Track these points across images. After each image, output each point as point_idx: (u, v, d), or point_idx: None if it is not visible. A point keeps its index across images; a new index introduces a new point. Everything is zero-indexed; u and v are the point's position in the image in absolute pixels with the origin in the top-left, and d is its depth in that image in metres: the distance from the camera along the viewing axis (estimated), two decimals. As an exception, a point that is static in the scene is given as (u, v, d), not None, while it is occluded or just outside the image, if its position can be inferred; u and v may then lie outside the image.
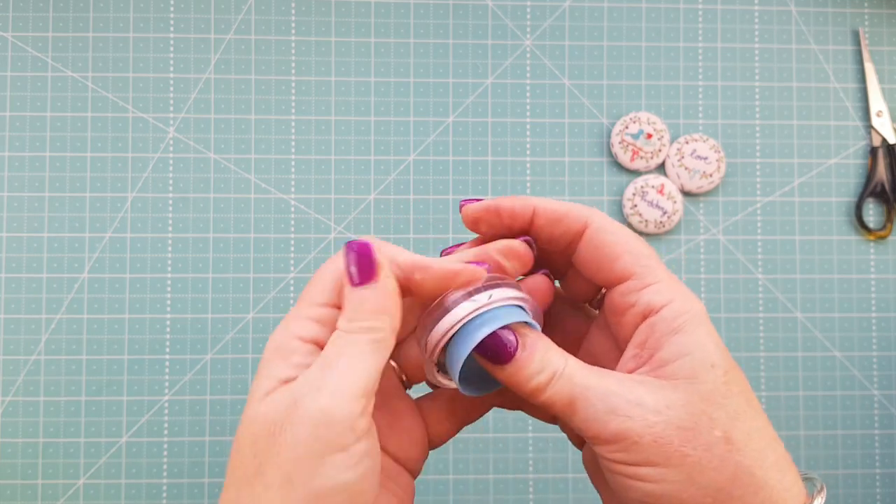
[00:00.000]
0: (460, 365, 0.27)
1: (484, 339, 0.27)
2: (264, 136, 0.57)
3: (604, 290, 0.30)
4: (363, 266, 0.27)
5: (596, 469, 0.30)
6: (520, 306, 0.28)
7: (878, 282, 0.58)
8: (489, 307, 0.27)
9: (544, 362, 0.27)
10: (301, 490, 0.24)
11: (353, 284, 0.27)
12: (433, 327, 0.28)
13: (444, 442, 0.32)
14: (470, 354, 0.27)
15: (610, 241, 0.28)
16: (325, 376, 0.25)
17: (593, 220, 0.29)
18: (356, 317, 0.26)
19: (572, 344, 0.31)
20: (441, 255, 0.31)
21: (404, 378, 0.32)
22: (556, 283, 0.32)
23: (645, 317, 0.28)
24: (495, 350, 0.27)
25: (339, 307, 0.28)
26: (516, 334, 0.28)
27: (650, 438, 0.26)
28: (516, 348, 0.27)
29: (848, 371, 0.57)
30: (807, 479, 0.28)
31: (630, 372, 0.28)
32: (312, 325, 0.27)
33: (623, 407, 0.26)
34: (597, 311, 0.32)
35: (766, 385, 0.57)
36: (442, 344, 0.28)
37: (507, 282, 0.28)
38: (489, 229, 0.30)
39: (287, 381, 0.26)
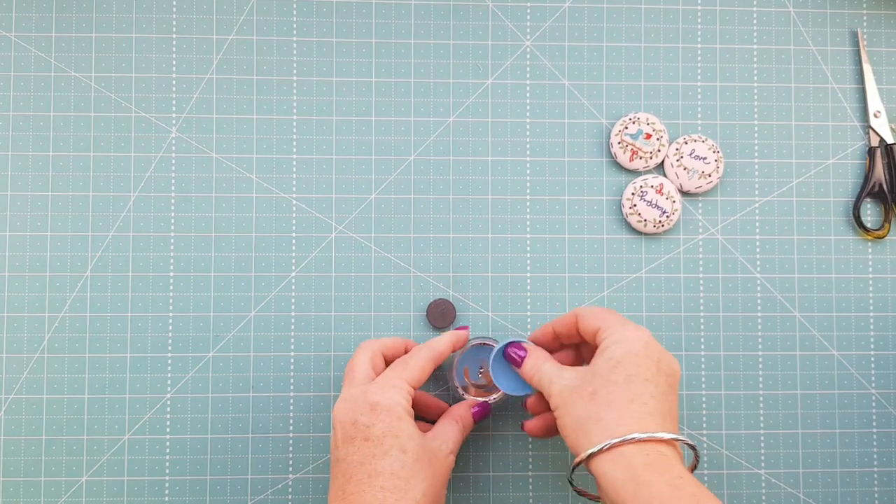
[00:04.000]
0: (492, 366, 0.52)
1: (506, 351, 0.51)
2: (266, 136, 0.57)
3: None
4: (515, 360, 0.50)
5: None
6: (520, 341, 0.51)
7: (876, 281, 0.58)
8: (503, 342, 0.51)
9: (536, 363, 0.49)
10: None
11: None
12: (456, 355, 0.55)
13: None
14: (506, 370, 0.52)
15: (585, 314, 0.49)
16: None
17: (581, 310, 0.49)
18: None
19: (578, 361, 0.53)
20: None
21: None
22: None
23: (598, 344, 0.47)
24: (513, 357, 0.50)
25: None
26: (525, 350, 0.50)
27: (557, 391, 0.46)
28: (524, 357, 0.50)
29: (846, 370, 0.58)
30: (685, 445, 0.44)
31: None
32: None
33: (556, 378, 0.47)
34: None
35: (763, 384, 0.57)
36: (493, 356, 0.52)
37: (489, 337, 0.55)
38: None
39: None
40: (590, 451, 0.42)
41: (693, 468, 0.46)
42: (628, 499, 0.41)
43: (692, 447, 0.44)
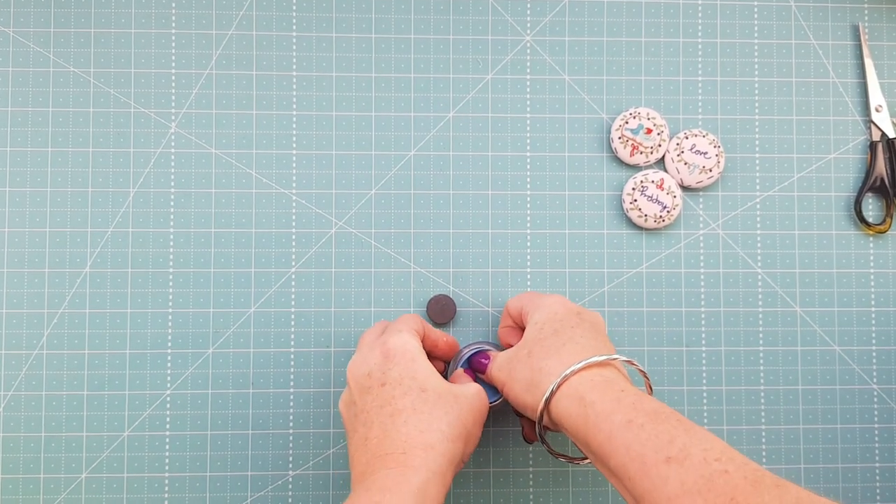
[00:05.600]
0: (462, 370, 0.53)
1: (470, 359, 0.52)
2: (266, 132, 0.57)
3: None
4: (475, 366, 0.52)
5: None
6: (487, 349, 0.53)
7: (878, 276, 0.58)
8: (474, 348, 0.53)
9: (494, 360, 0.50)
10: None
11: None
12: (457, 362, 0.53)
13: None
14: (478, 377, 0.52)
15: (511, 302, 0.52)
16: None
17: (509, 300, 0.53)
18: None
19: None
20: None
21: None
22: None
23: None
24: (477, 366, 0.51)
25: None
26: (489, 357, 0.51)
27: (496, 369, 0.48)
28: (487, 365, 0.50)
29: (847, 365, 0.57)
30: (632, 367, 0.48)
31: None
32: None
33: (494, 361, 0.49)
34: None
35: (764, 379, 0.57)
36: (459, 364, 0.53)
37: (486, 342, 0.55)
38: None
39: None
40: (544, 398, 0.44)
41: (649, 390, 0.48)
42: (581, 426, 0.42)
43: (631, 363, 0.45)
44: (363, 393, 0.46)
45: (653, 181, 0.57)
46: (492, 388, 0.52)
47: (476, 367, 0.52)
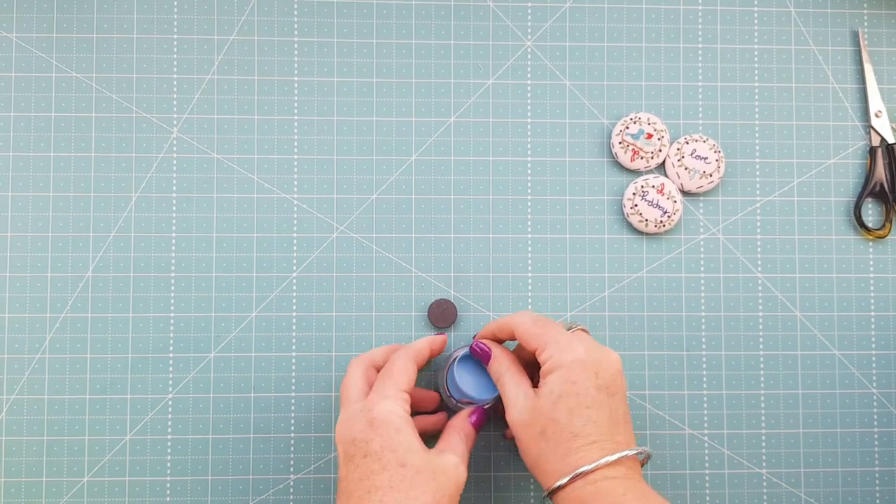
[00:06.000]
0: (454, 372, 0.53)
1: (472, 347, 0.51)
2: (267, 137, 0.57)
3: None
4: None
5: None
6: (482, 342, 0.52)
7: (877, 281, 0.58)
8: (464, 350, 0.53)
9: (499, 369, 0.50)
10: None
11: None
12: (447, 365, 0.53)
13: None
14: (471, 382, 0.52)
15: (522, 333, 0.49)
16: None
17: (516, 325, 0.49)
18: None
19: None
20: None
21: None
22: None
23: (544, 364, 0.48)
24: (481, 353, 0.51)
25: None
26: (489, 347, 0.51)
27: (513, 422, 0.47)
28: (491, 353, 0.51)
29: (847, 369, 0.58)
30: (639, 453, 0.46)
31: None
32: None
33: (511, 405, 0.48)
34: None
35: (765, 383, 0.57)
36: (454, 360, 0.53)
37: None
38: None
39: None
40: (545, 496, 0.46)
41: (643, 462, 0.47)
42: None
43: (641, 452, 0.46)
44: (347, 461, 0.46)
45: (653, 186, 0.57)
46: (488, 386, 0.52)
47: (479, 355, 0.51)
